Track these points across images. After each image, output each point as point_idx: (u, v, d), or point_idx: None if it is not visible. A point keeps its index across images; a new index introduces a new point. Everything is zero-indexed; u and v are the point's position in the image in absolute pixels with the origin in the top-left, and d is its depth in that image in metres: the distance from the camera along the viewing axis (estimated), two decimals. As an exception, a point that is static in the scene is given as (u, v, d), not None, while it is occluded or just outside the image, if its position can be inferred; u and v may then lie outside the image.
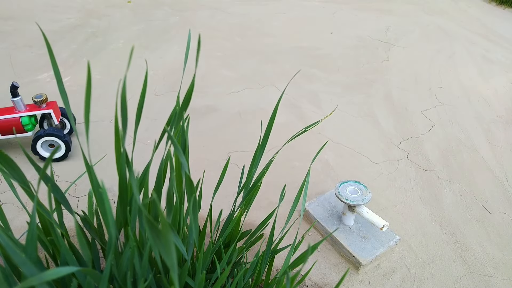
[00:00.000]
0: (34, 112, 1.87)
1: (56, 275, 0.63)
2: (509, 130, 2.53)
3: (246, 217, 1.73)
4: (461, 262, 1.61)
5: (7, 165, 0.84)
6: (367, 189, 1.59)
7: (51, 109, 1.88)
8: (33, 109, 1.87)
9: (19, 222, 1.65)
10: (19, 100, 1.84)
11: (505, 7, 4.98)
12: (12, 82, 1.79)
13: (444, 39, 3.82)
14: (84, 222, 1.06)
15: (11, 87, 1.79)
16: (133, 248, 0.88)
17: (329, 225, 1.66)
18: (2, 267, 0.88)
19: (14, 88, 1.78)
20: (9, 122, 1.84)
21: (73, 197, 1.79)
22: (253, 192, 1.13)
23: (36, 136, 1.84)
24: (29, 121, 1.89)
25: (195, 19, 3.93)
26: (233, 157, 2.11)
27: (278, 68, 3.07)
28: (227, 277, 1.20)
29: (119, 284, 0.95)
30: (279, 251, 1.20)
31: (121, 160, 0.88)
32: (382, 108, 2.64)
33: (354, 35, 3.76)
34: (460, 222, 1.80)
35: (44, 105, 1.87)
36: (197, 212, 1.01)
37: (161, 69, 2.97)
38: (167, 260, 0.63)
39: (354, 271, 1.53)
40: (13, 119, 1.85)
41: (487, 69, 3.31)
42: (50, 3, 4.09)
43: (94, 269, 0.91)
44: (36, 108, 1.88)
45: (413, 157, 2.20)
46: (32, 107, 1.89)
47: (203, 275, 0.95)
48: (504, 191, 2.01)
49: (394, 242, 1.60)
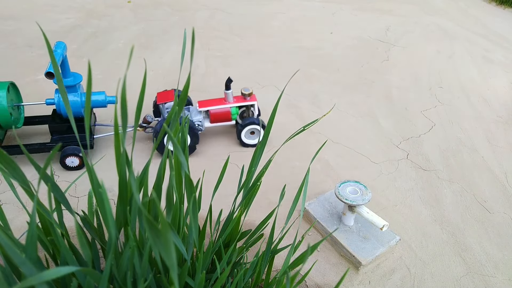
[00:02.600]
0: (242, 103, 2.13)
1: (55, 275, 0.63)
2: (509, 130, 2.53)
3: (246, 217, 1.73)
4: (461, 262, 1.61)
5: (7, 165, 0.84)
6: (367, 189, 1.59)
7: (255, 101, 2.14)
8: (240, 101, 2.13)
9: (19, 222, 1.65)
10: (230, 93, 2.09)
11: (505, 7, 4.98)
12: (229, 76, 2.05)
13: (444, 39, 3.83)
14: (84, 222, 1.06)
15: (227, 80, 2.04)
16: (133, 248, 0.88)
17: (329, 225, 1.66)
18: (2, 267, 0.88)
19: (229, 82, 2.04)
20: (221, 111, 2.10)
21: (73, 197, 1.79)
22: (253, 191, 1.13)
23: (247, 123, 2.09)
24: (235, 111, 2.14)
25: (195, 19, 3.94)
26: (232, 157, 2.11)
27: (278, 68, 3.07)
28: (227, 277, 1.20)
29: (119, 284, 0.95)
30: (279, 251, 1.20)
31: (121, 160, 0.88)
32: (382, 108, 2.64)
33: (354, 35, 3.76)
34: (460, 222, 1.80)
35: (248, 98, 2.13)
36: (197, 212, 1.01)
37: (161, 69, 2.97)
38: (167, 260, 0.63)
39: (354, 271, 1.53)
40: (225, 109, 2.11)
41: (487, 69, 3.31)
42: (50, 3, 4.09)
43: (94, 269, 0.91)
44: (243, 99, 2.13)
45: (413, 157, 2.20)
46: (239, 98, 2.15)
47: (203, 275, 0.95)
48: (504, 191, 2.01)
49: (394, 242, 1.60)
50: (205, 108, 2.08)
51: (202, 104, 2.10)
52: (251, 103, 2.14)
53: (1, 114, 1.81)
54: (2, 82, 1.84)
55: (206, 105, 2.09)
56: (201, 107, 2.08)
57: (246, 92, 2.09)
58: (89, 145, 1.12)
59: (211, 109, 2.09)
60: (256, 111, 2.18)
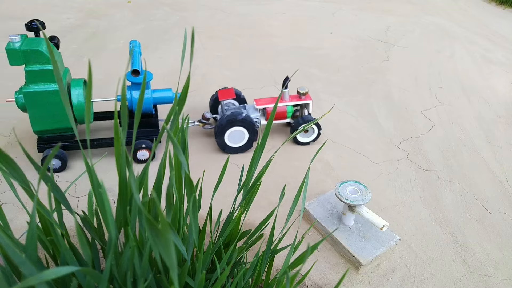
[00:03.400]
0: (298, 102, 2.17)
1: (55, 275, 0.63)
2: (509, 130, 2.53)
3: (246, 217, 1.73)
4: (461, 262, 1.61)
5: (7, 164, 0.84)
6: (367, 189, 1.59)
7: (310, 100, 2.18)
8: (295, 99, 2.16)
9: (19, 222, 1.65)
10: (287, 91, 2.14)
11: (505, 7, 4.98)
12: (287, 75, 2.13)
13: (444, 39, 3.83)
14: (84, 222, 1.06)
15: (285, 79, 2.04)
16: (133, 248, 0.88)
17: (329, 225, 1.66)
18: (2, 266, 0.88)
19: (287, 80, 2.06)
20: (278, 110, 2.16)
21: (73, 197, 1.79)
22: (253, 191, 1.13)
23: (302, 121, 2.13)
24: (291, 110, 2.19)
25: (195, 19, 3.94)
26: (232, 157, 2.11)
27: (278, 68, 3.07)
28: (227, 277, 1.20)
29: (119, 284, 0.95)
30: (279, 251, 1.20)
31: (121, 160, 0.88)
32: (382, 108, 2.64)
33: (354, 35, 3.76)
34: (460, 222, 1.80)
35: (304, 97, 2.15)
36: (197, 212, 1.01)
37: (161, 69, 2.97)
38: (167, 260, 0.63)
39: (354, 271, 1.53)
40: (282, 107, 2.17)
41: (487, 69, 3.31)
42: (50, 3, 4.09)
43: (94, 269, 0.91)
44: (298, 98, 2.17)
45: (413, 157, 2.20)
46: (294, 97, 2.18)
47: (203, 275, 0.95)
48: (504, 191, 2.01)
49: (394, 242, 1.60)
50: (262, 106, 2.15)
51: (259, 102, 2.17)
52: (306, 102, 2.19)
53: (80, 110, 1.86)
54: (77, 79, 1.90)
55: (263, 103, 2.16)
56: (258, 105, 2.15)
57: (302, 91, 2.14)
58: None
59: (269, 107, 2.16)
60: (310, 110, 2.22)
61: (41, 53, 1.69)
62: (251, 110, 2.17)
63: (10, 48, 1.65)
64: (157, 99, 2.03)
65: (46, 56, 1.70)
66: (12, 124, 2.27)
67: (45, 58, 1.71)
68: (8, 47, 1.65)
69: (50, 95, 1.77)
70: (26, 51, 1.67)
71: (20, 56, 1.67)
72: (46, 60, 1.71)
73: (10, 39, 1.66)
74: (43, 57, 1.70)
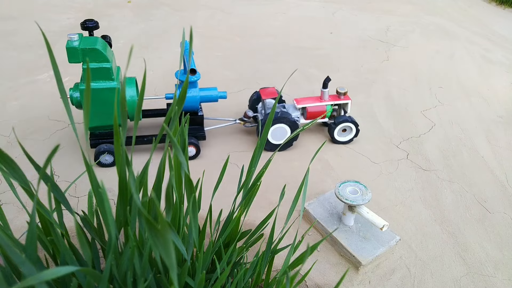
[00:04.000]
0: (337, 101, 2.21)
1: (55, 275, 0.63)
2: (509, 130, 2.53)
3: (246, 217, 1.73)
4: (461, 262, 1.61)
5: (7, 165, 0.84)
6: (367, 189, 1.59)
7: (349, 100, 2.22)
8: (335, 99, 2.20)
9: (19, 222, 1.65)
10: (327, 91, 2.18)
11: (505, 7, 4.98)
12: (328, 75, 2.15)
13: (444, 39, 3.83)
14: (84, 222, 1.06)
15: (326, 79, 2.13)
16: (133, 248, 0.88)
17: (329, 225, 1.66)
18: (2, 266, 0.88)
19: (328, 81, 2.13)
20: (318, 109, 2.20)
21: (73, 197, 1.79)
22: (253, 191, 1.13)
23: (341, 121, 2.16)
24: (330, 109, 2.23)
25: (195, 19, 3.94)
26: (232, 157, 2.11)
27: (278, 68, 3.07)
28: (227, 277, 1.20)
29: (119, 284, 0.95)
30: (279, 251, 1.20)
31: (121, 160, 0.88)
32: (382, 108, 2.64)
33: (354, 35, 3.76)
34: (460, 222, 1.80)
35: (343, 97, 2.19)
36: (197, 211, 1.01)
37: (161, 69, 2.97)
38: (166, 260, 0.63)
39: (354, 271, 1.53)
40: (322, 107, 2.20)
41: (487, 69, 3.31)
42: (50, 3, 4.09)
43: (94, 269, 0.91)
44: (337, 98, 2.21)
45: (413, 157, 2.20)
46: (334, 97, 2.22)
47: (203, 275, 0.95)
48: (504, 191, 2.01)
49: (394, 242, 1.60)
50: (302, 105, 2.18)
51: (299, 101, 2.20)
52: (345, 101, 2.22)
53: (133, 107, 1.91)
54: (129, 78, 1.95)
55: (303, 103, 2.19)
56: (299, 104, 2.18)
57: (342, 91, 2.18)
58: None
59: (309, 106, 2.19)
60: (349, 109, 2.25)
61: (98, 51, 1.74)
62: (291, 109, 2.21)
63: (70, 46, 1.69)
64: (204, 97, 2.07)
65: (103, 54, 1.75)
66: (12, 124, 2.27)
67: (102, 57, 1.75)
68: (68, 45, 1.69)
69: (105, 92, 1.81)
70: (85, 49, 1.71)
71: (79, 54, 1.72)
72: (103, 58, 1.76)
73: (69, 37, 1.71)
74: (100, 55, 1.75)
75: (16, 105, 2.45)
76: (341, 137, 2.24)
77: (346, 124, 2.18)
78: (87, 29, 1.84)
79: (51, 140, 2.15)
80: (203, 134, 2.10)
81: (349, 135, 2.23)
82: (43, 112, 2.39)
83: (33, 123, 2.28)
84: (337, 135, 2.22)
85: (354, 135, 2.23)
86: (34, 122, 2.30)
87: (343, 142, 2.25)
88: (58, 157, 2.01)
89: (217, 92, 2.10)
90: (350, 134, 2.23)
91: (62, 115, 2.36)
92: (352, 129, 2.20)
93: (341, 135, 2.23)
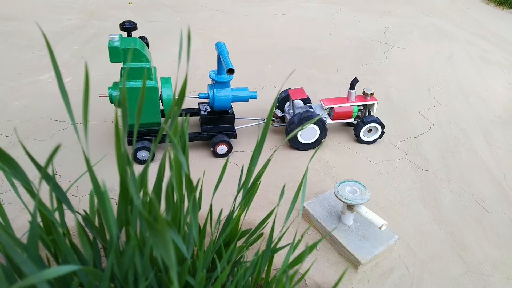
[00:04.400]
0: (363, 102, 2.24)
1: (56, 274, 0.64)
2: (507, 130, 2.54)
3: (246, 216, 1.74)
4: (459, 261, 1.62)
5: (8, 164, 0.85)
6: (366, 189, 1.60)
7: (375, 101, 2.24)
8: (361, 100, 2.23)
9: (21, 222, 1.66)
10: (354, 92, 2.20)
11: (504, 8, 4.99)
12: (355, 77, 2.16)
13: (443, 40, 3.84)
14: (85, 221, 1.07)
15: (353, 80, 2.15)
16: (134, 247, 0.89)
17: (328, 224, 1.67)
18: (4, 266, 0.89)
19: (355, 82, 2.15)
20: (345, 110, 2.23)
21: (75, 197, 1.80)
22: (253, 191, 1.14)
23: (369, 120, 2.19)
24: (356, 110, 2.25)
25: (196, 20, 3.95)
26: (233, 157, 2.12)
27: (277, 69, 3.09)
28: (227, 275, 1.21)
29: (120, 283, 0.96)
30: (278, 250, 1.21)
31: (122, 160, 0.89)
32: (381, 109, 2.65)
33: (353, 36, 3.78)
34: (459, 222, 1.81)
35: (369, 98, 2.22)
36: (197, 211, 1.02)
37: (163, 69, 2.98)
38: (166, 259, 0.64)
39: (353, 270, 1.54)
40: (349, 107, 2.23)
41: (486, 70, 3.32)
42: (51, 4, 4.10)
43: (95, 268, 0.92)
44: (364, 99, 2.23)
45: (411, 157, 2.21)
46: (360, 98, 2.25)
47: (203, 274, 0.96)
48: (502, 191, 2.02)
49: (393, 241, 1.61)
50: (330, 105, 2.21)
51: (326, 102, 2.24)
52: (372, 102, 2.24)
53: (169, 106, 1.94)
54: (165, 77, 2.00)
55: (331, 103, 2.22)
56: (326, 104, 2.22)
57: (369, 92, 2.20)
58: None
59: (336, 107, 2.22)
60: (374, 110, 2.28)
61: (139, 51, 1.79)
62: (318, 109, 2.24)
63: (112, 46, 1.75)
64: (236, 97, 2.12)
65: (143, 54, 1.80)
66: (14, 124, 2.28)
67: (142, 56, 1.81)
68: (110, 45, 1.75)
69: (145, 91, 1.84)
70: (126, 49, 1.77)
71: (120, 54, 1.77)
72: (143, 58, 1.81)
73: (110, 38, 1.76)
74: (140, 55, 1.80)
75: (18, 105, 2.46)
76: (366, 137, 2.27)
77: (373, 125, 2.21)
78: (126, 30, 1.89)
79: (53, 140, 2.16)
80: (234, 133, 2.15)
81: (374, 135, 2.26)
82: (45, 112, 2.40)
83: (35, 123, 2.29)
84: (363, 134, 2.25)
85: (378, 136, 2.26)
86: (36, 122, 2.31)
87: (367, 142, 2.28)
88: (60, 157, 2.02)
89: (248, 92, 2.15)
90: (375, 135, 2.26)
91: (63, 115, 2.37)
92: (377, 130, 2.23)
93: (366, 135, 2.26)
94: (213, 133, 2.11)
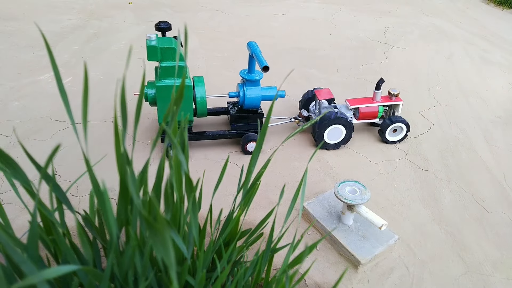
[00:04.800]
0: (389, 102, 2.25)
1: (56, 273, 0.64)
2: (507, 130, 2.54)
3: (246, 216, 1.74)
4: (459, 261, 1.62)
5: (8, 165, 0.85)
6: (366, 189, 1.60)
7: (401, 101, 2.26)
8: (386, 100, 2.25)
9: (21, 222, 1.66)
10: (379, 92, 2.22)
11: (504, 8, 4.99)
12: (381, 77, 2.17)
13: (443, 40, 3.84)
14: (85, 221, 1.07)
15: (379, 81, 2.17)
16: (134, 247, 0.89)
17: (328, 224, 1.67)
18: (4, 266, 0.89)
19: (381, 82, 2.17)
20: (370, 110, 2.24)
21: (75, 197, 1.80)
22: (252, 191, 1.14)
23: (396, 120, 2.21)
24: (381, 110, 2.26)
25: (196, 20, 3.95)
26: (233, 157, 2.12)
27: (277, 69, 3.09)
28: (227, 275, 1.21)
29: (120, 282, 0.96)
30: (278, 250, 1.21)
31: (122, 160, 0.89)
32: (381, 109, 2.65)
33: (353, 36, 3.78)
34: (459, 222, 1.81)
35: (394, 98, 2.24)
36: (197, 211, 1.02)
37: (161, 70, 2.98)
38: (165, 259, 0.64)
39: (353, 270, 1.54)
40: (374, 108, 2.24)
41: (486, 70, 3.32)
42: (51, 4, 4.11)
43: (95, 268, 0.92)
44: (389, 99, 2.25)
45: (411, 157, 2.21)
46: (385, 98, 2.26)
47: (203, 274, 0.96)
48: (502, 191, 2.02)
49: (393, 241, 1.61)
50: (355, 106, 2.22)
51: (351, 102, 2.25)
52: (397, 103, 2.26)
53: (202, 105, 2.00)
54: (198, 77, 2.04)
55: (356, 103, 2.24)
56: (352, 104, 2.23)
57: (394, 92, 2.22)
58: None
59: (361, 107, 2.23)
60: (399, 111, 2.29)
61: (175, 50, 1.83)
62: (343, 109, 2.25)
63: (150, 45, 1.79)
64: (265, 96, 2.13)
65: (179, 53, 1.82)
66: (14, 124, 2.28)
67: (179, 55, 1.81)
68: (148, 44, 1.79)
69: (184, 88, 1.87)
70: (163, 49, 1.81)
71: (158, 52, 1.81)
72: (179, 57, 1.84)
73: (148, 37, 1.82)
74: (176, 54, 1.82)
75: (18, 105, 2.46)
76: (391, 137, 2.27)
77: (398, 125, 2.22)
78: (160, 30, 1.92)
79: (52, 140, 2.16)
80: None
81: (398, 135, 2.27)
82: (45, 112, 2.41)
83: (35, 123, 2.29)
84: (388, 135, 2.26)
85: (403, 137, 2.27)
86: (36, 122, 2.31)
87: (391, 142, 2.29)
88: (60, 157, 2.02)
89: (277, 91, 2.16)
90: (400, 135, 2.27)
91: (63, 115, 2.37)
92: (402, 130, 2.24)
93: (391, 135, 2.27)
94: (242, 131, 2.15)
